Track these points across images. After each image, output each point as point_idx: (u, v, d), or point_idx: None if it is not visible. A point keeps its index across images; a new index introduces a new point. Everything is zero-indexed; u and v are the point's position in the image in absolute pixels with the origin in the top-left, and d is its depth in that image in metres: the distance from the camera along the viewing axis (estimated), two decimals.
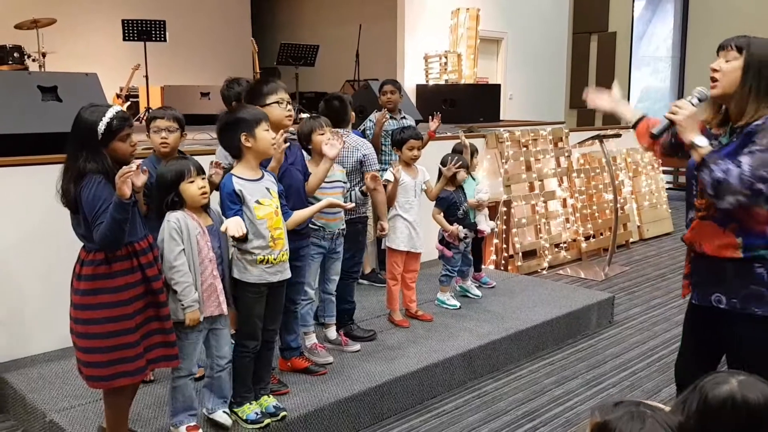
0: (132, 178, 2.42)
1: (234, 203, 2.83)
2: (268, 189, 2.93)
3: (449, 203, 4.47)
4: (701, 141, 2.28)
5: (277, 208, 2.94)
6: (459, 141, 5.02)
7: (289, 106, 3.24)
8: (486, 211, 4.96)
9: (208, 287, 2.75)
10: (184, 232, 2.69)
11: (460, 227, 4.48)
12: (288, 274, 3.01)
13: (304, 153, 3.55)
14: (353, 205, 3.58)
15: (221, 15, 11.36)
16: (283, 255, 2.94)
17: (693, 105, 2.35)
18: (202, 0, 11.07)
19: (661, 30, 11.65)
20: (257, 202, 2.86)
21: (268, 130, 2.90)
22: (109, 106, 2.51)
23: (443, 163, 4.47)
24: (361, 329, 4.04)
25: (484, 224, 4.92)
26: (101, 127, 2.43)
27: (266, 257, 2.88)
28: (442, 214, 4.47)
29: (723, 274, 2.38)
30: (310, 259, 3.56)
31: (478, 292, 4.88)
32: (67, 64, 7.69)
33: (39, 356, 3.70)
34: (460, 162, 4.38)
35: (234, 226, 2.73)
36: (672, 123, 2.37)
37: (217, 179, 2.94)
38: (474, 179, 4.94)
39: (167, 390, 2.96)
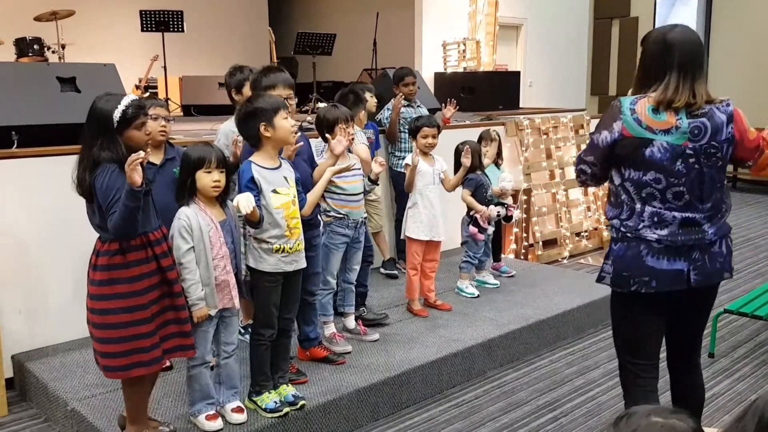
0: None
1: (252, 189, 2.81)
2: (285, 178, 2.92)
3: (477, 184, 4.46)
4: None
5: (294, 197, 2.92)
6: (486, 129, 5.00)
7: (287, 101, 3.16)
8: (510, 200, 4.93)
9: (221, 282, 2.75)
10: (194, 230, 2.69)
11: (492, 207, 4.46)
12: (303, 264, 3.00)
13: (322, 141, 3.53)
14: (352, 164, 3.41)
15: (238, 4, 11.35)
16: (298, 244, 2.93)
17: None
18: None
19: (685, 14, 11.42)
20: (274, 191, 2.84)
21: (287, 118, 2.88)
22: (124, 95, 2.51)
23: (458, 151, 4.43)
24: (372, 312, 4.04)
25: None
26: (116, 115, 2.43)
27: (282, 246, 2.87)
28: (471, 195, 4.45)
29: None
30: (335, 249, 3.55)
31: (495, 281, 4.84)
32: (87, 56, 7.70)
33: (60, 345, 3.74)
34: (470, 148, 4.31)
35: (245, 202, 2.68)
36: None
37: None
38: (498, 168, 4.93)
39: (185, 379, 2.97)
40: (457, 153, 4.41)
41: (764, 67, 9.97)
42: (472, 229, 4.50)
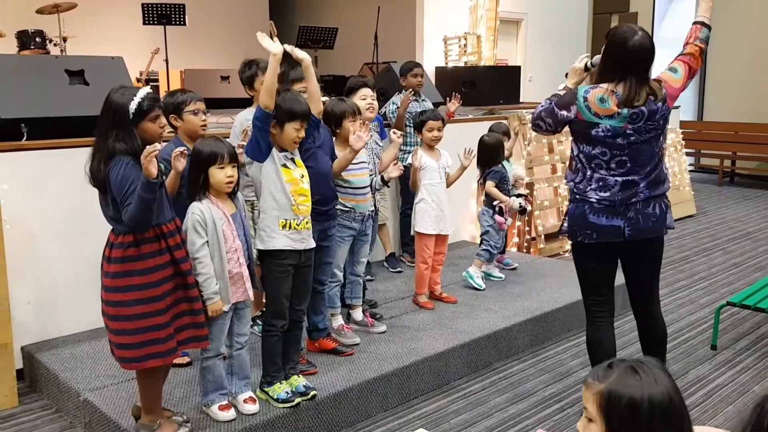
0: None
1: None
2: (293, 159, 2.97)
3: (501, 176, 4.60)
4: (560, 86, 3.04)
5: (303, 175, 2.97)
6: (497, 122, 5.12)
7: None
8: (522, 190, 5.04)
9: (235, 275, 2.78)
10: (208, 224, 2.71)
11: (514, 198, 4.63)
12: (312, 244, 3.04)
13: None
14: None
15: None
16: (306, 223, 2.98)
17: (586, 66, 3.01)
18: None
19: (684, 9, 11.45)
20: (284, 166, 2.91)
21: (298, 130, 2.91)
22: (139, 88, 2.53)
23: (482, 142, 4.63)
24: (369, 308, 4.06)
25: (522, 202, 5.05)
26: (132, 107, 2.45)
27: (289, 222, 2.90)
28: (495, 186, 4.58)
29: None
30: (341, 241, 3.58)
31: (500, 274, 4.88)
32: (88, 49, 7.70)
33: (70, 336, 3.76)
34: (474, 151, 4.36)
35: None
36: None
37: (180, 167, 2.69)
38: (508, 161, 5.02)
39: (198, 370, 3.00)
40: (481, 144, 4.63)
41: (765, 60, 10.01)
42: (500, 218, 4.62)
